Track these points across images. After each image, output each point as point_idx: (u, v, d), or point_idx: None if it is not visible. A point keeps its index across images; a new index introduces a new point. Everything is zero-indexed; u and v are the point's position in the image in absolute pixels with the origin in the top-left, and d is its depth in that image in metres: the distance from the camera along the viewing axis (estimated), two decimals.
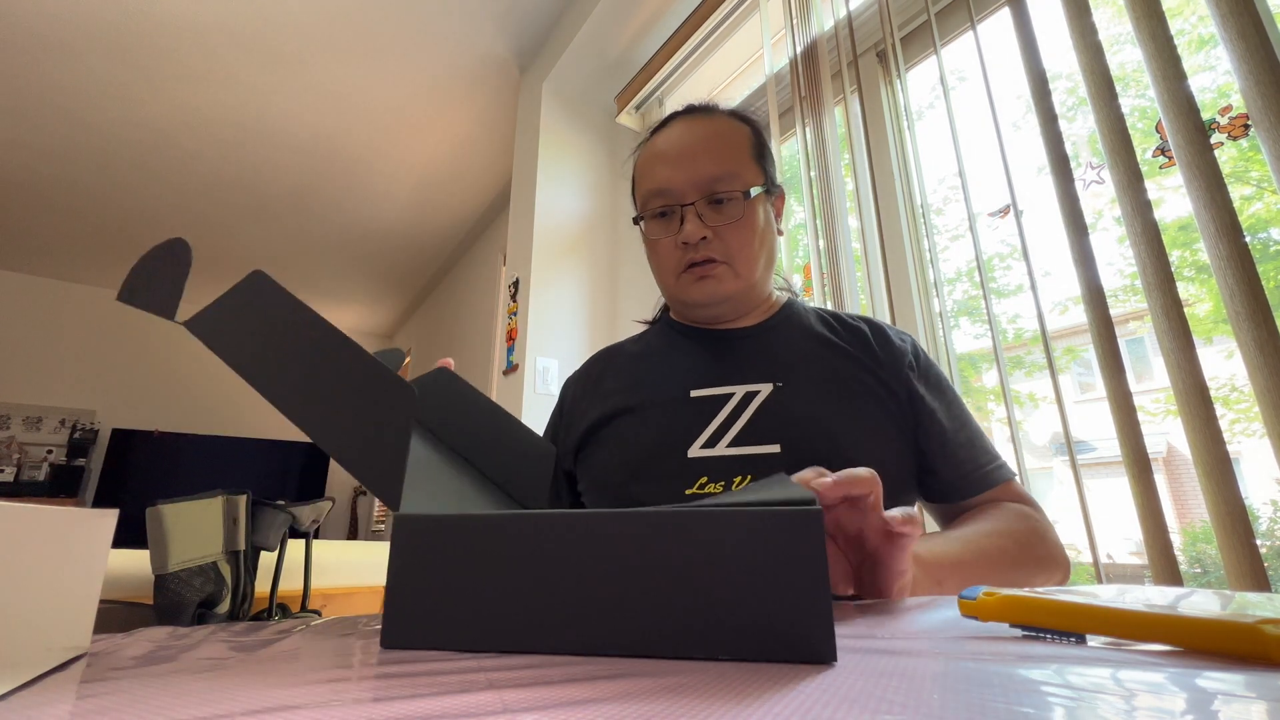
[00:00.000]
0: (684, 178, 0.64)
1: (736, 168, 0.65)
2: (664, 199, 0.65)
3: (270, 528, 1.35)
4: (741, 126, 0.68)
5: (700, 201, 0.64)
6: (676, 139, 0.67)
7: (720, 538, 0.23)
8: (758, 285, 0.68)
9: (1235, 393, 0.90)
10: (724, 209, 0.64)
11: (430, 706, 0.16)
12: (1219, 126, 0.96)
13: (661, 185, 0.65)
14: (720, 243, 0.64)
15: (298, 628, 0.33)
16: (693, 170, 0.64)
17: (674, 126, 0.69)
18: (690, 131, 0.67)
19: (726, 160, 0.65)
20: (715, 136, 0.66)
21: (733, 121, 0.69)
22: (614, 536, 0.24)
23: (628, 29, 2.02)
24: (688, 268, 0.66)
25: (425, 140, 2.94)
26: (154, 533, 1.25)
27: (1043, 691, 0.16)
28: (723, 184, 0.64)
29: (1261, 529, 0.80)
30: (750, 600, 0.22)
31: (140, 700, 0.18)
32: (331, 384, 0.30)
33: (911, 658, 0.21)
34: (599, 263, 2.22)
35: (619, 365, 0.74)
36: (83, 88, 2.55)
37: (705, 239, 0.64)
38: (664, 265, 0.68)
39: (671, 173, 0.65)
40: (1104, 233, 1.06)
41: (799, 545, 0.22)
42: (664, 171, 0.66)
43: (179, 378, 4.86)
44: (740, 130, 0.68)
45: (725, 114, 0.70)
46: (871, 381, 0.62)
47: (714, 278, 0.65)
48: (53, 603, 0.23)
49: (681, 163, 0.65)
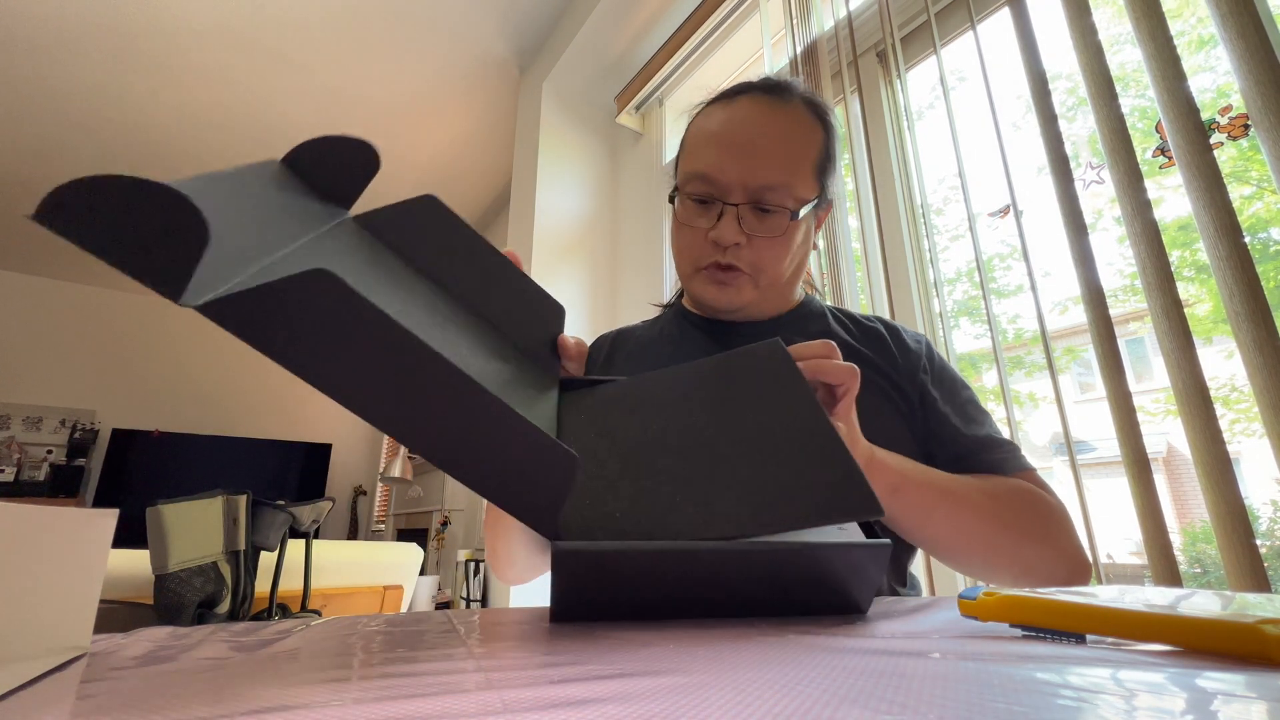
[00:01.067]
0: (735, 174, 0.59)
1: (793, 179, 0.59)
2: (707, 186, 0.60)
3: (270, 528, 1.35)
4: (816, 128, 0.62)
5: (744, 205, 0.59)
6: (742, 123, 0.60)
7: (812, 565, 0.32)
8: (778, 294, 0.66)
9: (1235, 393, 0.90)
10: (767, 220, 0.59)
11: (430, 706, 0.16)
12: (1219, 126, 0.96)
13: (709, 172, 0.60)
14: (751, 253, 0.60)
15: (298, 628, 0.33)
16: (747, 169, 0.58)
17: (744, 104, 0.61)
18: (760, 120, 0.60)
19: (786, 169, 0.59)
20: (783, 137, 0.60)
21: (808, 120, 0.62)
22: (731, 565, 0.31)
23: (628, 29, 2.02)
24: (709, 265, 0.62)
25: (425, 140, 2.94)
26: (154, 533, 1.25)
27: (1042, 691, 0.16)
28: (774, 195, 0.58)
29: (1261, 529, 0.80)
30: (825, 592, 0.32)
31: (140, 700, 0.18)
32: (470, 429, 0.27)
33: (911, 658, 0.21)
34: (599, 263, 2.22)
35: (628, 350, 0.72)
36: (82, 88, 2.55)
37: (738, 245, 0.60)
38: (686, 253, 0.64)
39: (724, 162, 0.59)
40: (1104, 233, 1.06)
41: (871, 569, 0.32)
42: (716, 157, 0.60)
43: (179, 378, 4.86)
44: (813, 134, 0.61)
45: (804, 106, 0.62)
46: (885, 384, 0.61)
47: (732, 286, 0.62)
48: (53, 603, 0.23)
49: (738, 155, 0.59)
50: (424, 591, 2.64)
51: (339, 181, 0.38)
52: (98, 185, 0.21)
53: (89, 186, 0.21)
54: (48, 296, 4.49)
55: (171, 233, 0.22)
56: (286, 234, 0.31)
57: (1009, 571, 0.52)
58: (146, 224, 0.22)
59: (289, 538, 1.42)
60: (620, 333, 0.77)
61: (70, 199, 0.21)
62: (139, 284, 0.22)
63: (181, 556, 1.24)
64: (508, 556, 0.60)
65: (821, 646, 0.23)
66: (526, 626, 0.31)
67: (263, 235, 0.28)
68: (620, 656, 0.22)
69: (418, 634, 0.29)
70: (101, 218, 0.22)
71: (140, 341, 4.77)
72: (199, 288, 0.22)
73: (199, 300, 0.22)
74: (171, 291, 0.22)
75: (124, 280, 4.58)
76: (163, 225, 0.22)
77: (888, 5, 1.28)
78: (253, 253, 0.26)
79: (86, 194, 0.21)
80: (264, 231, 0.29)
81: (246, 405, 5.05)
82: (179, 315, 4.96)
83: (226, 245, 0.24)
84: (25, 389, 4.31)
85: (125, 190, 0.21)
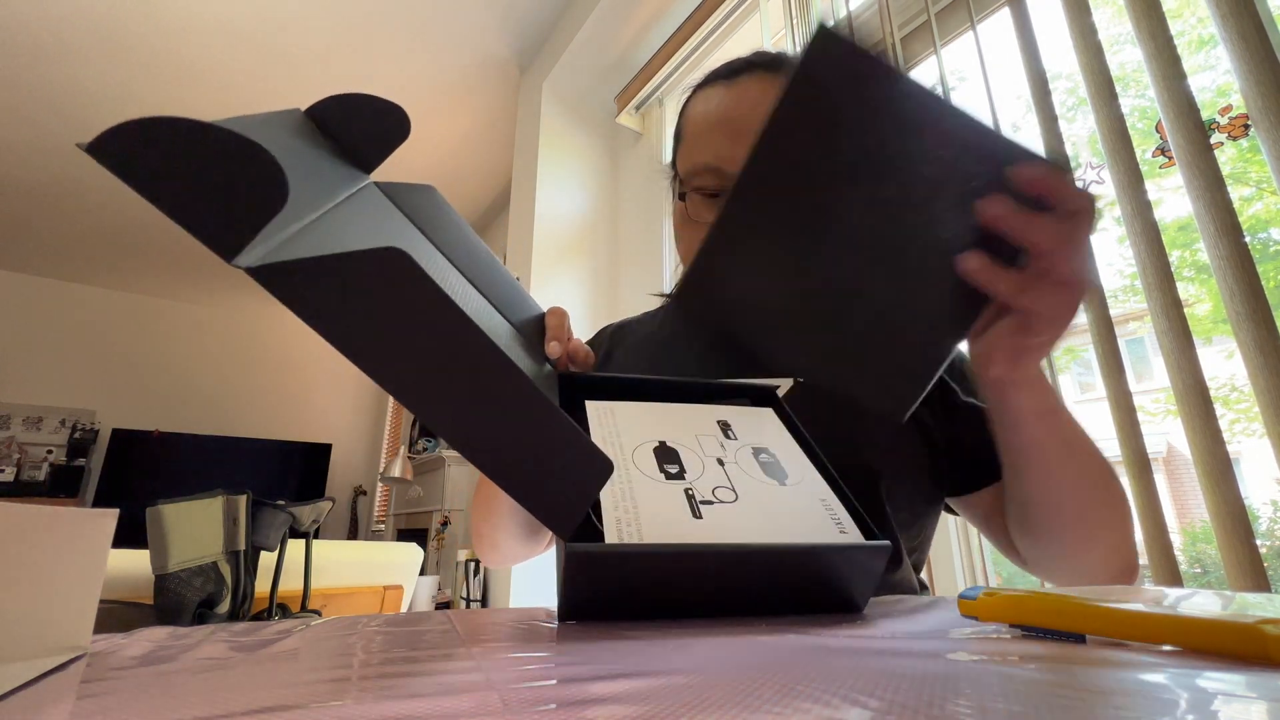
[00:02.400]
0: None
1: None
2: (719, 179, 0.54)
3: (270, 528, 1.35)
4: None
5: None
6: (753, 106, 0.53)
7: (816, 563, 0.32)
8: None
9: (1235, 393, 0.90)
10: None
11: (430, 706, 0.16)
12: (1219, 126, 0.96)
13: (722, 164, 0.53)
14: None
15: (298, 628, 0.33)
16: None
17: (747, 84, 0.56)
18: (765, 98, 0.53)
19: None
20: None
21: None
22: (742, 565, 0.31)
23: (628, 29, 2.02)
24: None
25: (425, 140, 2.94)
26: (154, 533, 1.25)
27: (1043, 691, 0.16)
28: None
29: (1261, 529, 0.80)
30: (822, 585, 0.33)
31: (140, 700, 0.18)
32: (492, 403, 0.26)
33: (911, 658, 0.21)
34: (599, 263, 2.22)
35: (629, 346, 0.70)
36: (83, 88, 2.55)
37: None
38: (695, 250, 0.61)
39: (736, 150, 0.52)
40: (1104, 233, 1.06)
41: (870, 570, 0.33)
42: (724, 146, 0.54)
43: (179, 378, 4.86)
44: None
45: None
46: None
47: None
48: (53, 603, 0.23)
49: (748, 140, 0.55)
50: (424, 591, 2.64)
51: (365, 143, 0.35)
52: (158, 125, 0.20)
53: (149, 126, 0.20)
54: (48, 296, 4.49)
55: (236, 185, 0.20)
56: (316, 194, 0.29)
57: (1085, 554, 0.48)
58: (208, 173, 0.20)
59: (289, 538, 1.42)
60: (621, 326, 0.76)
61: (128, 137, 0.20)
62: (139, 284, 0.21)
63: (181, 556, 1.24)
64: (492, 541, 0.59)
65: (821, 646, 0.23)
66: (526, 626, 0.31)
67: (295, 194, 0.28)
68: (620, 657, 0.22)
69: (418, 634, 0.29)
70: (158, 160, 0.20)
71: (140, 341, 4.77)
72: (253, 249, 0.21)
73: (255, 263, 0.21)
74: (226, 250, 0.20)
75: (124, 280, 4.58)
76: (228, 176, 0.20)
77: (888, 5, 1.28)
78: (289, 212, 0.24)
79: (145, 133, 0.20)
80: (295, 190, 0.28)
81: (246, 405, 5.05)
82: (179, 315, 4.96)
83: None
84: (25, 389, 4.31)
85: (188, 133, 0.20)
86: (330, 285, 0.22)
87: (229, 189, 0.21)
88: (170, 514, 1.26)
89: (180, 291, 4.80)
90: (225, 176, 0.21)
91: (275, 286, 0.22)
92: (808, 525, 0.33)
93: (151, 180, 0.20)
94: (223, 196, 0.21)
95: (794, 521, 0.33)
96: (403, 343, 0.24)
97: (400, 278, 0.22)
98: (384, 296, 0.23)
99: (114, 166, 0.20)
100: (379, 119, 0.36)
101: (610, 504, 0.32)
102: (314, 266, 0.22)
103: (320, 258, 0.22)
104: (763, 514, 0.33)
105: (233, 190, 0.21)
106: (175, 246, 4.02)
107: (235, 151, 0.20)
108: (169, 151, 0.20)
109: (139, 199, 0.21)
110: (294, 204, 0.25)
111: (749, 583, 0.32)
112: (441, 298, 0.23)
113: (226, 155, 0.21)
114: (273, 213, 0.21)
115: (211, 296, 4.91)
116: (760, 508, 0.34)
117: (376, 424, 5.50)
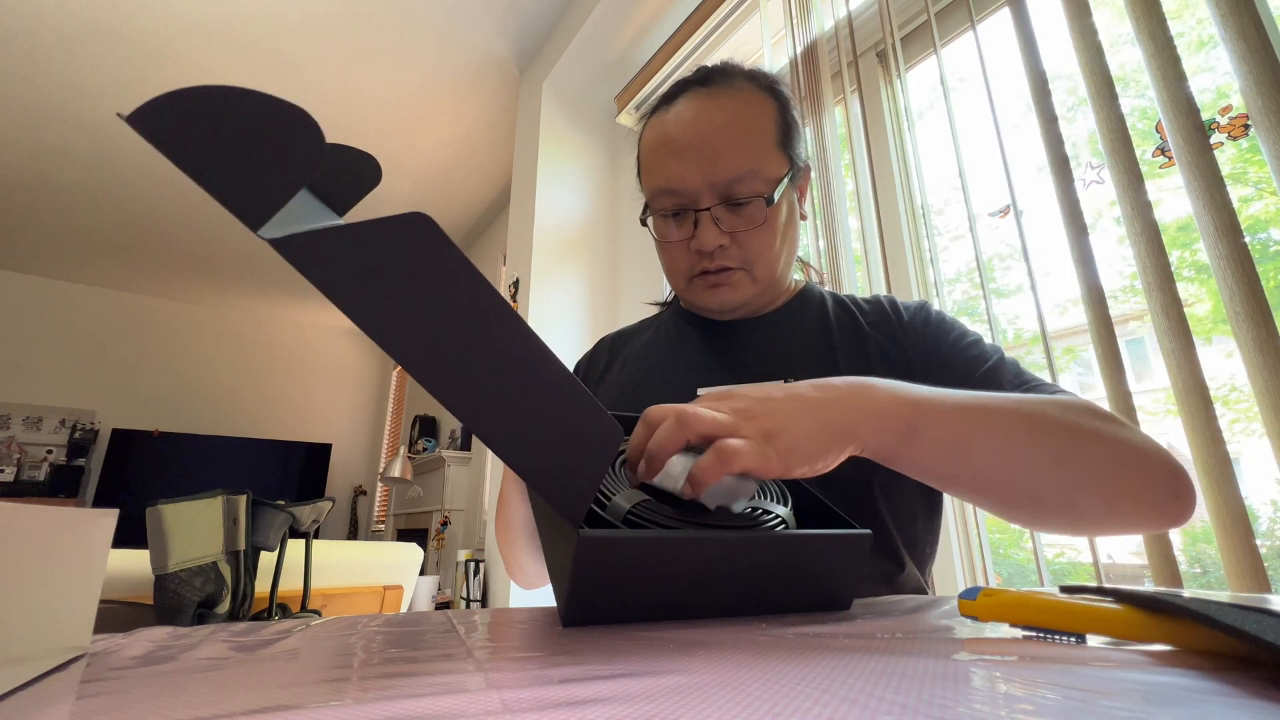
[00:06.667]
0: (698, 177, 0.56)
1: (758, 162, 0.56)
2: (675, 199, 0.58)
3: (270, 528, 1.35)
4: (765, 101, 0.59)
5: (717, 206, 0.56)
6: (689, 124, 0.57)
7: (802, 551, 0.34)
8: (776, 282, 0.63)
9: (1235, 393, 0.90)
10: (744, 212, 0.57)
11: (430, 706, 0.16)
12: (1219, 126, 0.96)
13: (672, 184, 0.57)
14: (739, 249, 0.58)
15: (298, 628, 0.33)
16: (709, 168, 0.56)
17: (686, 103, 0.59)
18: (705, 114, 0.57)
19: (747, 154, 0.56)
20: (735, 124, 0.57)
21: (755, 95, 0.58)
22: (736, 550, 0.32)
23: (628, 29, 2.02)
24: (701, 274, 0.60)
25: (425, 140, 2.94)
26: (154, 533, 1.25)
27: (1043, 691, 0.16)
28: (743, 185, 0.56)
29: (1261, 529, 0.80)
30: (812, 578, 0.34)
31: (140, 700, 0.18)
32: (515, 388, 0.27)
33: (911, 658, 0.21)
34: (599, 263, 2.22)
35: (626, 356, 0.71)
36: (82, 87, 2.55)
37: (722, 246, 0.57)
38: (675, 267, 0.62)
39: (683, 169, 0.56)
40: (1104, 233, 1.06)
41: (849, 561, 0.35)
42: (675, 166, 0.57)
43: (179, 378, 4.86)
44: (764, 108, 0.58)
45: (747, 82, 0.59)
46: (885, 369, 0.57)
47: (730, 285, 0.60)
48: (53, 603, 0.23)
49: (695, 158, 0.56)
50: (424, 591, 2.64)
51: (337, 190, 0.37)
52: (198, 95, 0.20)
53: (189, 96, 0.20)
54: (48, 296, 4.49)
55: (273, 153, 0.21)
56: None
57: (1096, 491, 0.41)
58: (242, 141, 0.21)
59: (289, 538, 1.42)
60: (619, 336, 0.77)
61: (169, 108, 0.20)
62: (139, 284, 0.21)
63: (181, 556, 1.24)
64: (517, 563, 0.61)
65: (821, 646, 0.23)
66: (526, 626, 0.31)
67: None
68: (620, 656, 0.22)
69: (418, 634, 0.29)
70: (195, 131, 0.21)
71: (140, 341, 4.77)
72: (279, 221, 0.21)
73: (280, 234, 0.21)
74: (254, 220, 0.21)
75: (124, 280, 4.58)
76: (270, 144, 0.21)
77: (888, 5, 1.28)
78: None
79: (185, 104, 0.20)
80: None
81: (246, 405, 5.05)
82: (179, 315, 4.97)
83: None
84: (25, 389, 4.31)
85: (226, 101, 0.21)
86: (353, 255, 0.22)
87: (261, 156, 0.21)
88: (170, 514, 1.26)
89: (180, 291, 4.80)
90: (259, 142, 0.21)
91: (298, 258, 0.22)
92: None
93: (187, 151, 0.21)
94: (254, 165, 0.21)
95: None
96: (423, 312, 0.24)
97: (424, 242, 0.23)
98: (408, 263, 0.23)
99: (152, 137, 0.21)
100: (353, 166, 0.36)
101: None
102: (338, 235, 0.22)
103: (344, 226, 0.22)
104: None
105: (265, 157, 0.21)
106: (175, 246, 4.02)
107: (273, 110, 0.21)
108: (206, 122, 0.21)
109: (138, 199, 0.21)
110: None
111: (738, 574, 0.33)
112: (463, 261, 0.23)
113: (263, 116, 0.21)
114: (301, 181, 0.21)
115: (212, 296, 4.91)
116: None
117: (376, 424, 5.50)
